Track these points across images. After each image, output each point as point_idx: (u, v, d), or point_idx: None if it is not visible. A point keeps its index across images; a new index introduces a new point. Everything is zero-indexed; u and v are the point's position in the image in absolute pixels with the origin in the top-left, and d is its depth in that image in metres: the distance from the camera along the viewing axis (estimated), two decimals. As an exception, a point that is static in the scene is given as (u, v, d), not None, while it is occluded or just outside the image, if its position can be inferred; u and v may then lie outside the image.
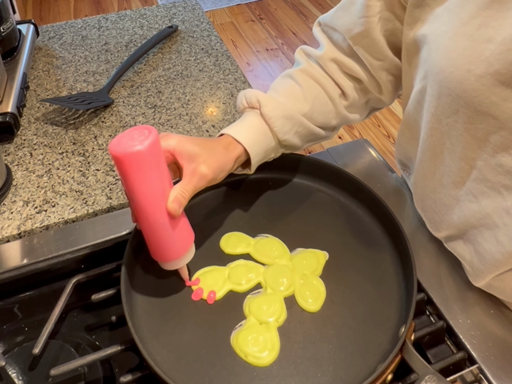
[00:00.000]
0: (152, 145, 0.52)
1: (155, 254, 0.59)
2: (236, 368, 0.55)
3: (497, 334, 0.59)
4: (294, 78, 0.71)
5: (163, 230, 0.56)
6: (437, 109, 0.56)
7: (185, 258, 0.60)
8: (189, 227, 0.60)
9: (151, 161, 0.53)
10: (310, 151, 2.30)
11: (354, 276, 0.63)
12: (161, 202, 0.55)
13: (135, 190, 0.54)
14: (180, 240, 0.59)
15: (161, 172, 0.55)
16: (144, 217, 0.56)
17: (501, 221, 0.55)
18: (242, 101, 0.68)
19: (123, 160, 0.52)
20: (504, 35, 0.48)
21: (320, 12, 3.45)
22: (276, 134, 0.66)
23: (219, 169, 0.60)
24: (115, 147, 0.52)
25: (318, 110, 0.70)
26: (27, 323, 0.65)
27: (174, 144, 0.57)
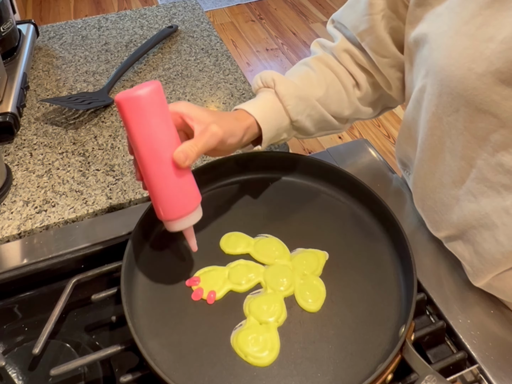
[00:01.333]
0: (153, 91, 0.54)
1: (161, 211, 0.57)
2: (236, 368, 0.55)
3: (497, 334, 0.59)
4: (309, 65, 0.72)
5: (168, 181, 0.55)
6: (438, 108, 0.57)
7: (191, 217, 0.58)
8: (195, 187, 0.59)
9: (152, 106, 0.54)
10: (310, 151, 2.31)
11: (354, 276, 0.63)
12: (166, 152, 0.54)
13: (136, 137, 0.54)
14: (185, 196, 0.57)
15: (165, 122, 0.55)
16: (147, 168, 0.55)
17: (500, 221, 0.55)
18: (258, 82, 0.69)
19: (123, 105, 0.53)
20: (505, 34, 0.48)
21: (320, 12, 3.45)
22: (289, 113, 0.67)
23: (229, 131, 0.60)
24: (120, 95, 0.54)
25: (332, 97, 0.71)
26: (27, 323, 0.65)
27: (183, 108, 0.58)
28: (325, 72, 0.72)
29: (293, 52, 3.05)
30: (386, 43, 0.67)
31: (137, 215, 0.66)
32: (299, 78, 0.70)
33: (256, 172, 0.76)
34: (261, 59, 3.01)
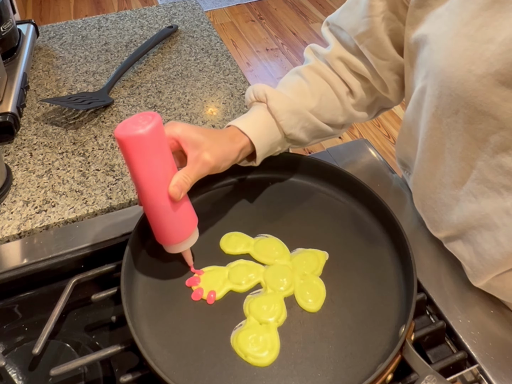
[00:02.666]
0: (154, 129, 0.54)
1: (159, 237, 0.61)
2: (236, 368, 0.55)
3: (497, 334, 0.59)
4: (302, 74, 0.72)
5: (166, 213, 0.58)
6: (438, 109, 0.56)
7: (189, 241, 0.61)
8: (192, 212, 0.61)
9: (153, 145, 0.55)
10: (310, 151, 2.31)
11: (354, 276, 0.63)
12: (163, 185, 0.56)
13: (137, 173, 0.55)
14: (183, 223, 0.60)
15: (164, 157, 0.56)
16: (147, 200, 0.57)
17: (501, 222, 0.55)
18: (250, 95, 0.69)
19: (125, 143, 0.54)
20: (505, 36, 0.48)
21: (320, 12, 3.45)
22: (282, 127, 0.67)
23: (222, 158, 0.61)
24: (120, 131, 0.54)
25: (325, 107, 0.71)
26: (27, 323, 0.65)
27: (179, 132, 0.59)
28: (318, 81, 0.71)
29: (293, 52, 3.05)
30: (385, 45, 0.66)
31: (137, 215, 0.66)
32: (291, 90, 0.70)
33: (256, 172, 0.76)
34: (261, 59, 3.01)
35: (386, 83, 0.70)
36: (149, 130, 0.54)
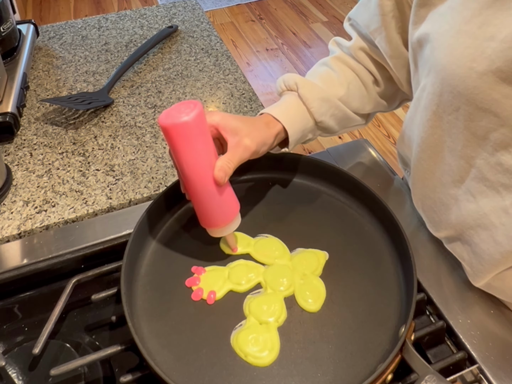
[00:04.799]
0: (198, 116, 0.56)
1: (204, 221, 0.63)
2: (236, 368, 0.55)
3: (497, 334, 0.59)
4: (329, 65, 0.75)
5: (211, 198, 0.60)
6: (439, 107, 0.57)
7: (232, 225, 0.63)
8: (234, 197, 0.63)
9: (197, 131, 0.57)
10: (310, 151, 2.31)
11: (354, 276, 0.63)
12: (208, 171, 0.58)
13: (183, 159, 0.57)
14: (226, 207, 0.62)
15: (207, 143, 0.58)
16: (192, 186, 0.59)
17: (499, 221, 0.55)
18: (281, 85, 0.72)
19: (171, 131, 0.56)
20: (506, 33, 0.48)
21: (320, 12, 3.45)
22: (313, 115, 0.69)
23: (261, 143, 0.63)
24: (164, 120, 0.56)
25: (353, 95, 0.73)
26: (27, 323, 0.65)
27: (218, 119, 0.61)
28: (344, 71, 0.74)
29: (293, 52, 3.05)
30: (396, 43, 0.68)
31: (137, 215, 0.66)
32: (320, 79, 0.73)
33: (256, 172, 0.76)
34: (261, 59, 3.01)
35: (400, 79, 0.72)
36: (193, 117, 0.55)
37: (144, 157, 0.87)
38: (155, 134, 0.92)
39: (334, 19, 3.36)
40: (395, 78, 0.73)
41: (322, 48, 3.06)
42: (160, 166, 0.85)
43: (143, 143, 0.90)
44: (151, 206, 0.67)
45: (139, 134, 0.92)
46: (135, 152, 0.88)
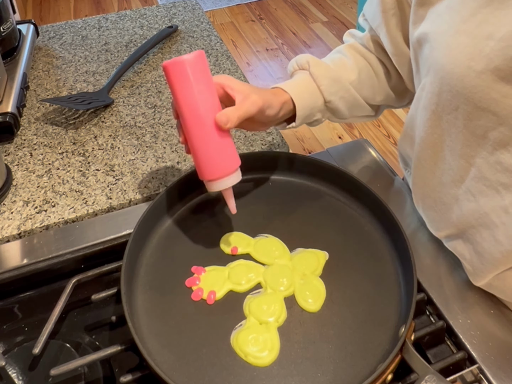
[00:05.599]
0: (197, 57, 0.58)
1: (203, 171, 0.62)
2: (236, 368, 0.55)
3: (497, 334, 0.59)
4: (342, 52, 0.76)
5: (210, 142, 0.59)
6: (438, 106, 0.57)
7: (230, 179, 0.62)
8: (235, 151, 0.63)
9: (196, 70, 0.58)
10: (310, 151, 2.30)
11: (354, 276, 0.63)
12: (209, 114, 0.58)
13: (181, 99, 0.58)
14: (226, 157, 0.61)
15: (207, 87, 0.59)
16: (191, 129, 0.59)
17: (499, 220, 0.56)
18: (293, 65, 0.73)
19: (169, 68, 0.58)
20: (504, 32, 0.48)
21: (320, 12, 3.45)
22: (322, 93, 0.70)
23: (268, 102, 0.63)
24: (166, 61, 0.58)
25: (364, 82, 0.74)
26: (27, 323, 0.65)
27: (225, 79, 0.63)
28: (357, 58, 0.75)
29: (293, 52, 3.05)
30: (397, 41, 0.69)
31: (137, 215, 0.66)
32: (332, 62, 0.74)
33: (256, 172, 0.76)
34: (261, 59, 3.01)
35: (403, 76, 0.73)
36: (192, 57, 0.58)
37: (144, 157, 0.87)
38: (155, 134, 0.92)
39: (334, 19, 3.36)
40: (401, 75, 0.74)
41: (322, 48, 3.06)
42: (160, 166, 0.85)
43: (143, 143, 0.90)
44: (151, 206, 0.67)
45: (139, 134, 0.92)
46: (135, 152, 0.88)
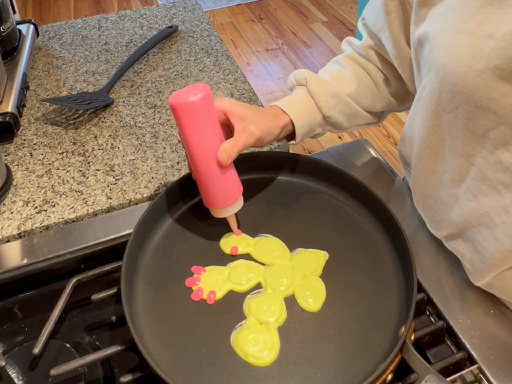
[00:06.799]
0: (205, 98, 0.60)
1: (207, 201, 0.66)
2: (236, 368, 0.55)
3: (497, 334, 0.59)
4: (340, 63, 0.76)
5: (214, 178, 0.63)
6: (438, 106, 0.57)
7: (234, 206, 0.66)
8: (237, 180, 0.66)
9: (203, 112, 0.60)
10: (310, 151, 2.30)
11: (354, 276, 0.63)
12: (212, 151, 0.61)
13: (188, 138, 0.61)
14: (229, 189, 0.65)
15: (213, 125, 0.62)
16: (197, 165, 0.62)
17: (499, 220, 0.56)
18: (292, 80, 0.74)
19: (178, 109, 0.60)
20: (504, 31, 0.48)
21: (320, 12, 3.45)
22: (321, 109, 0.71)
23: (266, 131, 0.66)
24: (173, 99, 0.60)
25: (363, 92, 0.74)
26: (27, 323, 0.65)
27: (228, 105, 0.64)
28: (355, 68, 0.75)
29: (293, 52, 3.05)
30: (399, 43, 0.69)
31: (137, 215, 0.66)
32: (330, 76, 0.74)
33: (256, 172, 0.76)
34: (261, 59, 3.01)
35: (405, 79, 0.72)
36: (200, 98, 0.59)
37: (144, 157, 0.87)
38: (155, 134, 0.92)
39: (334, 19, 3.36)
40: (403, 78, 0.74)
41: (322, 48, 3.06)
42: (160, 166, 0.85)
43: (143, 143, 0.90)
44: (151, 206, 0.67)
45: (139, 134, 0.92)
46: (135, 152, 0.88)
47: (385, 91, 0.76)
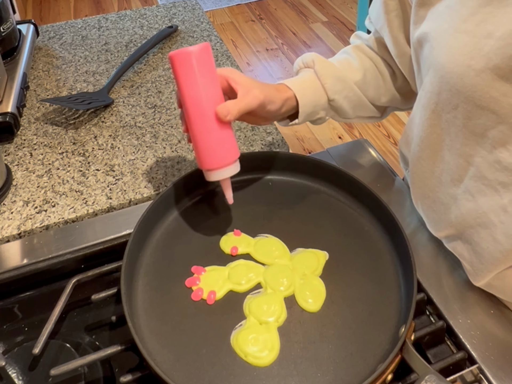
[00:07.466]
0: (202, 50, 0.60)
1: (202, 160, 0.63)
2: (236, 368, 0.55)
3: (497, 334, 0.59)
4: (348, 52, 0.77)
5: (210, 133, 0.61)
6: (437, 106, 0.57)
7: (229, 169, 0.64)
8: (234, 143, 0.64)
9: (200, 63, 0.60)
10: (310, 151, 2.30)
11: (354, 276, 0.63)
12: (210, 106, 0.60)
13: (184, 89, 0.60)
14: (225, 148, 0.63)
15: (211, 79, 0.61)
16: (193, 120, 0.61)
17: (498, 219, 0.56)
18: (299, 63, 0.74)
19: (175, 59, 0.60)
20: (503, 31, 0.48)
21: (320, 12, 3.45)
22: (326, 91, 0.71)
23: (269, 97, 0.65)
24: (173, 52, 0.60)
25: (369, 83, 0.74)
26: (27, 323, 0.65)
27: (229, 72, 0.64)
28: (363, 59, 0.75)
29: (293, 52, 3.05)
30: (399, 42, 0.69)
31: (137, 215, 0.66)
32: (338, 62, 0.74)
33: (256, 172, 0.76)
34: (261, 59, 3.01)
35: (408, 78, 0.73)
36: (197, 49, 0.59)
37: (144, 157, 0.87)
38: (155, 134, 0.92)
39: (334, 19, 3.36)
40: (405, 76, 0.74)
41: (322, 48, 3.06)
42: (160, 166, 0.85)
43: (143, 143, 0.90)
44: (151, 206, 0.67)
45: (139, 134, 0.92)
46: (135, 152, 0.88)
47: (390, 85, 0.76)
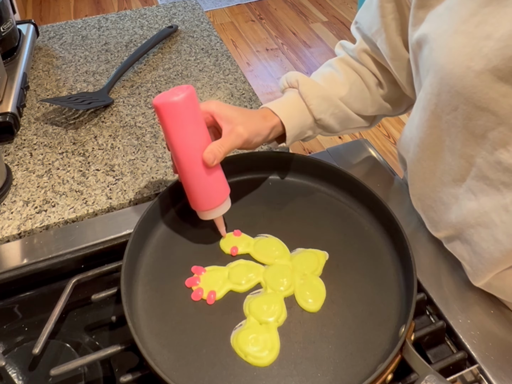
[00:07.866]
0: (187, 98, 0.59)
1: (193, 203, 0.65)
2: (236, 368, 0.55)
3: (497, 334, 0.59)
4: (333, 66, 0.76)
5: (199, 179, 0.62)
6: (437, 107, 0.57)
7: (221, 208, 0.65)
8: (224, 181, 0.65)
9: (186, 112, 0.60)
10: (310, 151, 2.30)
11: (354, 276, 0.63)
12: (198, 152, 0.60)
13: (172, 139, 0.60)
14: (215, 190, 0.64)
15: (198, 126, 0.61)
16: (182, 167, 0.62)
17: (499, 219, 0.56)
18: (283, 82, 0.74)
19: (161, 109, 0.59)
20: (502, 32, 0.48)
21: (320, 12, 3.45)
22: (312, 112, 0.70)
23: (255, 132, 0.65)
24: (157, 100, 0.60)
25: (355, 96, 0.74)
26: (27, 323, 0.65)
27: (214, 107, 0.64)
28: (348, 72, 0.75)
29: (293, 52, 3.05)
30: (396, 45, 0.68)
31: (137, 215, 0.66)
32: (322, 79, 0.74)
33: (256, 172, 0.76)
34: (261, 59, 3.01)
35: (402, 82, 0.72)
36: (183, 98, 0.59)
37: (144, 157, 0.87)
38: (155, 134, 0.92)
39: (334, 19, 3.36)
40: (398, 81, 0.73)
41: (322, 48, 3.06)
42: (160, 166, 0.85)
43: (143, 143, 0.90)
44: (151, 206, 0.67)
45: (139, 134, 0.92)
46: (135, 152, 0.88)
47: (377, 95, 0.76)
